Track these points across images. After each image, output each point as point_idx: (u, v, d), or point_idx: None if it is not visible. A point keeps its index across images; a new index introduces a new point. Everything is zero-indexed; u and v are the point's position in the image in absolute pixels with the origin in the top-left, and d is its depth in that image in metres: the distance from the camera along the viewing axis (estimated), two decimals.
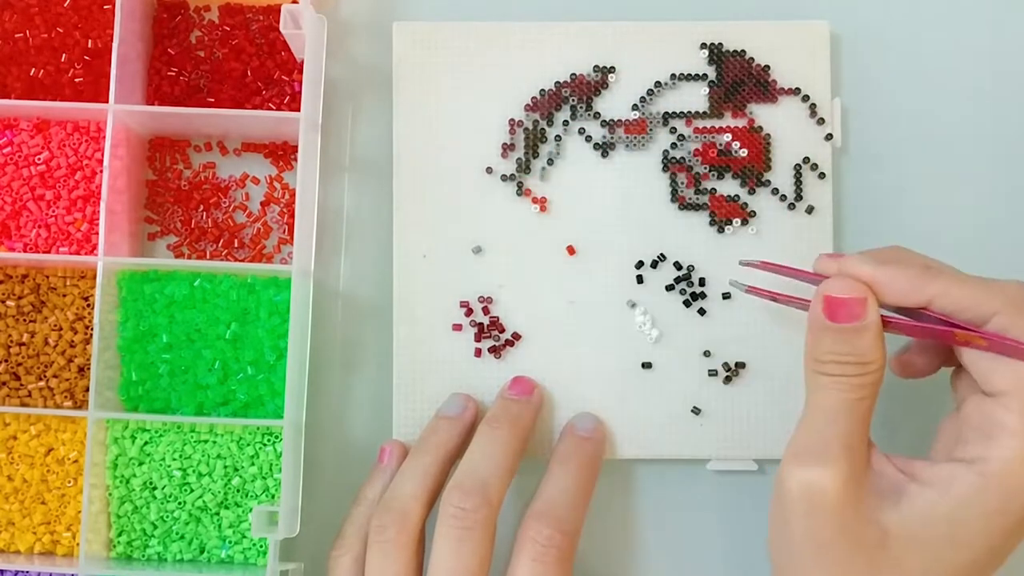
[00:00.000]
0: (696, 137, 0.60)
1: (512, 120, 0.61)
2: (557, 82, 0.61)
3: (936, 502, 0.47)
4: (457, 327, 0.60)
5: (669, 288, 0.60)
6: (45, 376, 0.58)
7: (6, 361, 0.58)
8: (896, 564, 0.47)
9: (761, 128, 0.60)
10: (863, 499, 0.47)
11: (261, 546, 0.58)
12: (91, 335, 0.58)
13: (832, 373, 0.48)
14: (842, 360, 0.48)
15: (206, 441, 0.58)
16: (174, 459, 0.58)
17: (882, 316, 0.48)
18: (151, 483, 0.58)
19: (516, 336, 0.60)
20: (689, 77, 0.61)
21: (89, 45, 0.60)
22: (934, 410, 0.54)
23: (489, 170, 0.60)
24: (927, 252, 0.60)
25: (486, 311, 0.60)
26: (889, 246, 0.52)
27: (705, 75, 0.61)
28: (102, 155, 0.58)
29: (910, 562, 0.47)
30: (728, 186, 0.60)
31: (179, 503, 0.58)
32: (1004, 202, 0.62)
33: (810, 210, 0.60)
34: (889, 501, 0.48)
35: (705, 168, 0.60)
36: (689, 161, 0.60)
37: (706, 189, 0.60)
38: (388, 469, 0.57)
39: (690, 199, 0.60)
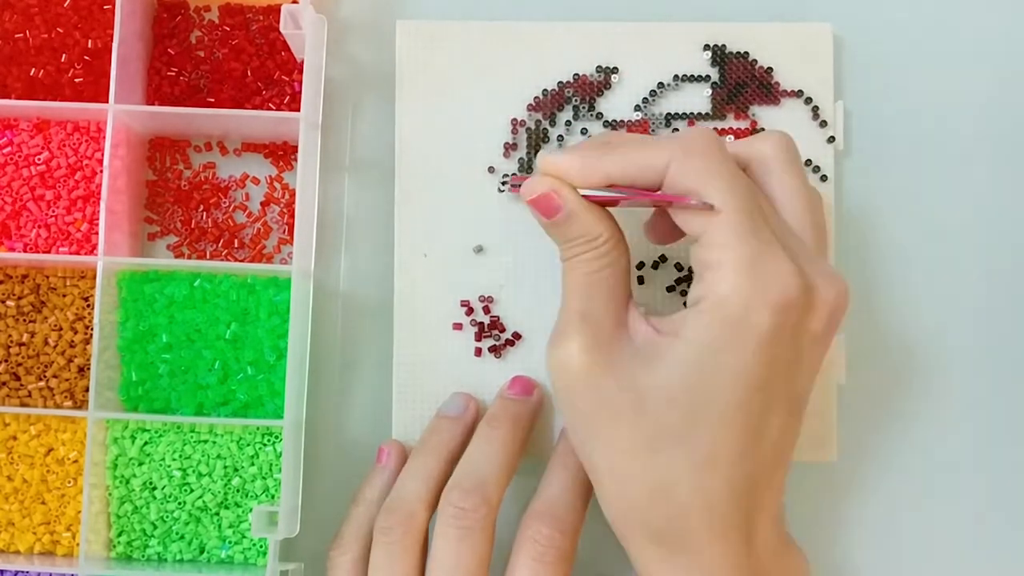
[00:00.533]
0: None
1: (515, 120, 0.61)
2: (560, 82, 0.61)
3: (677, 352, 0.47)
4: (457, 326, 0.60)
5: (670, 289, 0.60)
6: (45, 376, 0.58)
7: (6, 361, 0.58)
8: (657, 421, 0.48)
9: (763, 130, 0.60)
10: (615, 365, 0.49)
11: (261, 546, 0.58)
12: (91, 335, 0.58)
13: (567, 256, 0.51)
14: (570, 244, 0.50)
15: (206, 441, 0.58)
16: (174, 459, 0.58)
17: (593, 196, 0.50)
18: (151, 483, 0.58)
19: (516, 336, 0.60)
20: (692, 78, 0.61)
21: (89, 45, 0.60)
22: None
23: (491, 169, 0.60)
24: (929, 255, 0.61)
25: (487, 310, 0.60)
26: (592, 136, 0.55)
27: (708, 76, 0.61)
28: (102, 155, 0.58)
29: (671, 417, 0.47)
30: None
31: (179, 503, 0.58)
32: (1007, 205, 0.62)
33: None
34: (643, 361, 0.49)
35: None
36: None
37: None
38: (387, 469, 0.57)
39: None
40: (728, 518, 0.48)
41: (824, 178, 0.60)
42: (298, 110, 0.57)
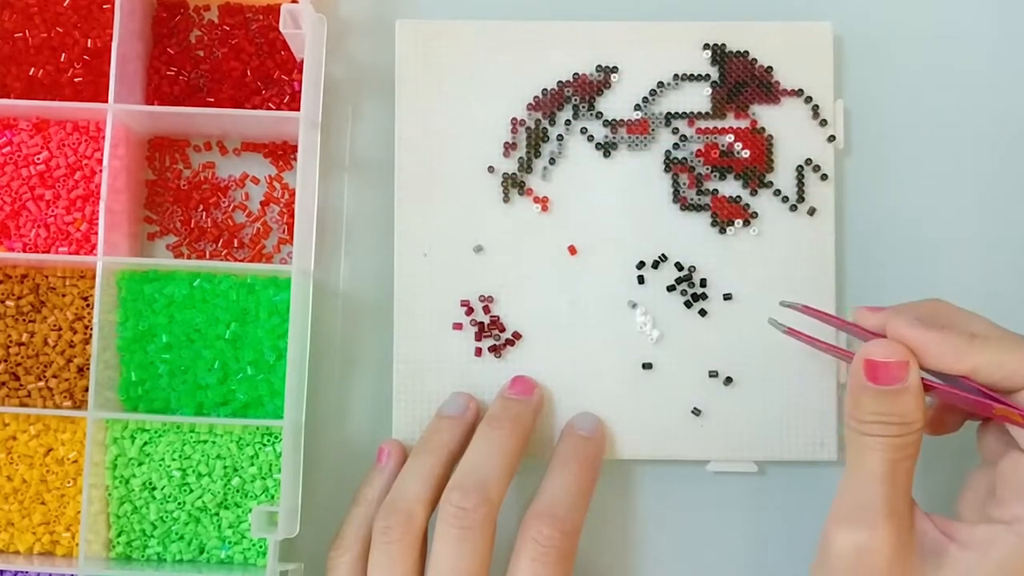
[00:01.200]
0: (698, 138, 0.60)
1: (514, 119, 0.61)
2: (560, 81, 0.61)
3: (977, 565, 0.47)
4: (457, 326, 0.60)
5: (670, 289, 0.60)
6: (44, 376, 0.58)
7: (5, 361, 0.58)
8: None
9: (763, 129, 0.60)
10: (909, 561, 0.48)
11: (261, 546, 0.58)
12: (91, 335, 0.57)
13: (874, 434, 0.48)
14: (884, 420, 0.48)
15: (206, 441, 0.58)
16: (174, 459, 0.58)
17: (923, 380, 0.48)
18: (151, 483, 0.58)
19: (516, 335, 0.60)
20: (692, 77, 0.61)
21: (89, 45, 0.60)
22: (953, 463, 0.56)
23: (491, 169, 0.60)
24: (929, 255, 0.61)
25: (487, 310, 0.60)
26: (928, 300, 0.53)
27: (708, 76, 0.61)
28: (101, 155, 0.58)
29: None
30: (730, 187, 0.60)
31: (179, 503, 0.58)
32: (1006, 204, 0.62)
33: (812, 212, 0.60)
34: (931, 564, 0.48)
35: (707, 169, 0.60)
36: (691, 162, 0.60)
37: (708, 190, 0.60)
38: (387, 469, 0.57)
39: (692, 200, 0.60)
40: None
41: (824, 177, 0.60)
42: (298, 110, 0.57)
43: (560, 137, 0.60)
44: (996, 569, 0.47)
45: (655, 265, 0.60)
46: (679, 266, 0.60)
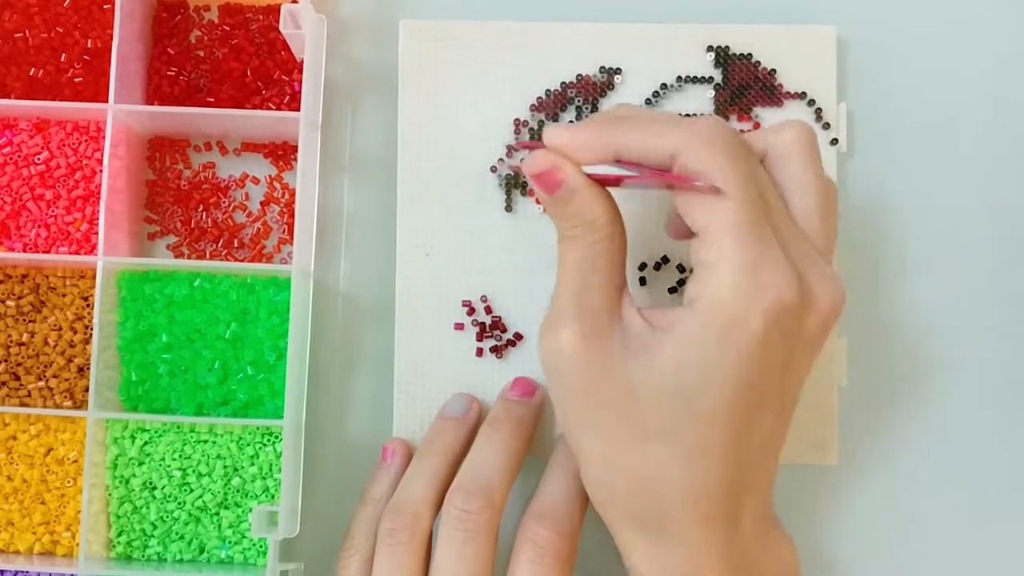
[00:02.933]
0: None
1: (517, 120, 0.60)
2: (563, 82, 0.61)
3: (669, 349, 0.47)
4: (459, 326, 0.60)
5: (672, 291, 0.60)
6: (45, 376, 0.58)
7: (6, 361, 0.58)
8: (646, 415, 0.47)
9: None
10: (608, 353, 0.48)
11: (261, 546, 0.58)
12: (91, 335, 0.58)
13: (564, 237, 0.50)
14: (569, 224, 0.49)
15: (206, 441, 0.58)
16: (174, 459, 0.58)
17: (596, 175, 0.49)
18: (151, 483, 0.58)
19: (518, 336, 0.60)
20: (695, 80, 0.60)
21: (89, 45, 0.60)
22: None
23: (494, 169, 0.60)
24: (932, 258, 0.61)
25: (488, 310, 0.60)
26: (611, 107, 0.53)
27: (711, 78, 0.60)
28: (102, 155, 0.58)
29: (660, 411, 0.47)
30: None
31: (179, 503, 0.58)
32: (1011, 206, 0.62)
33: None
34: (635, 353, 0.48)
35: None
36: None
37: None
38: (392, 468, 0.57)
39: None
40: (713, 512, 0.48)
41: None
42: (298, 110, 0.57)
43: None
44: (684, 349, 0.47)
45: (657, 267, 0.60)
46: (681, 268, 0.60)
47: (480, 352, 0.60)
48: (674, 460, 0.47)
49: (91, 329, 0.58)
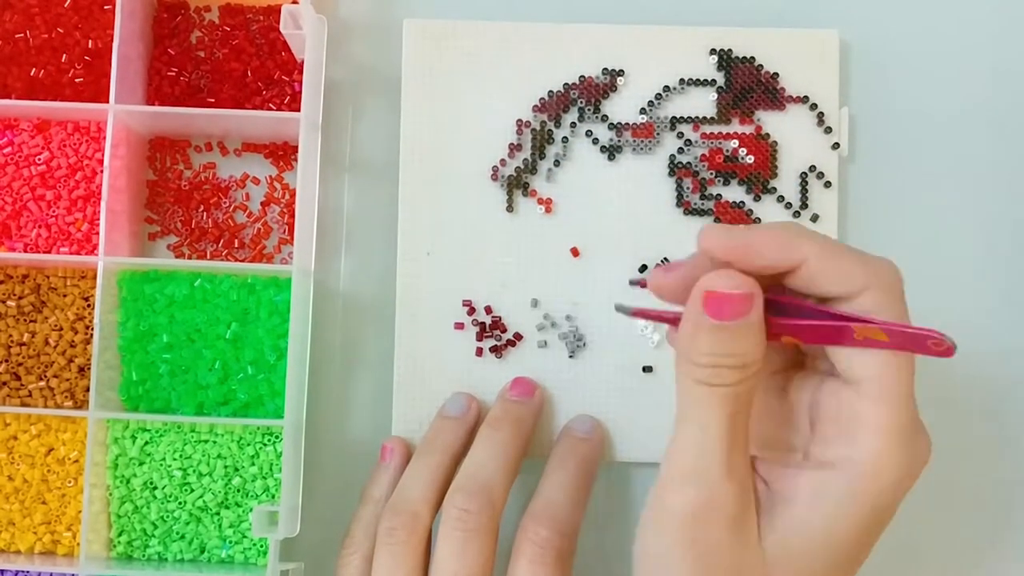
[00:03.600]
0: (703, 143, 0.60)
1: (519, 120, 0.60)
2: (565, 84, 0.60)
3: (809, 517, 0.43)
4: (459, 326, 0.60)
5: None
6: (45, 376, 0.59)
7: (7, 361, 0.59)
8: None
9: (768, 135, 0.60)
10: (751, 518, 0.44)
11: (261, 546, 0.58)
12: (91, 335, 0.58)
13: (712, 382, 0.43)
14: (723, 364, 0.42)
15: (206, 441, 0.58)
16: (174, 459, 0.58)
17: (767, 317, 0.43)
18: (151, 483, 0.58)
19: (518, 336, 0.60)
20: (698, 82, 0.60)
21: (89, 45, 0.60)
22: None
23: (495, 169, 0.60)
24: (933, 263, 0.61)
25: (488, 310, 0.60)
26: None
27: (714, 81, 0.60)
28: (102, 155, 0.58)
29: (789, 573, 0.44)
30: (734, 192, 0.60)
31: (179, 503, 0.58)
32: (1011, 210, 0.62)
33: (815, 219, 0.60)
34: (762, 518, 0.44)
35: (711, 174, 0.60)
36: (695, 166, 0.60)
37: (711, 195, 0.60)
38: (391, 467, 0.57)
39: (695, 204, 0.60)
40: None
41: (828, 184, 0.60)
42: (298, 110, 0.57)
43: (565, 139, 0.60)
44: (828, 517, 0.43)
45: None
46: None
47: (480, 352, 0.60)
48: None
49: (92, 329, 0.58)
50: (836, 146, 0.60)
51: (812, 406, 0.45)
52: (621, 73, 0.60)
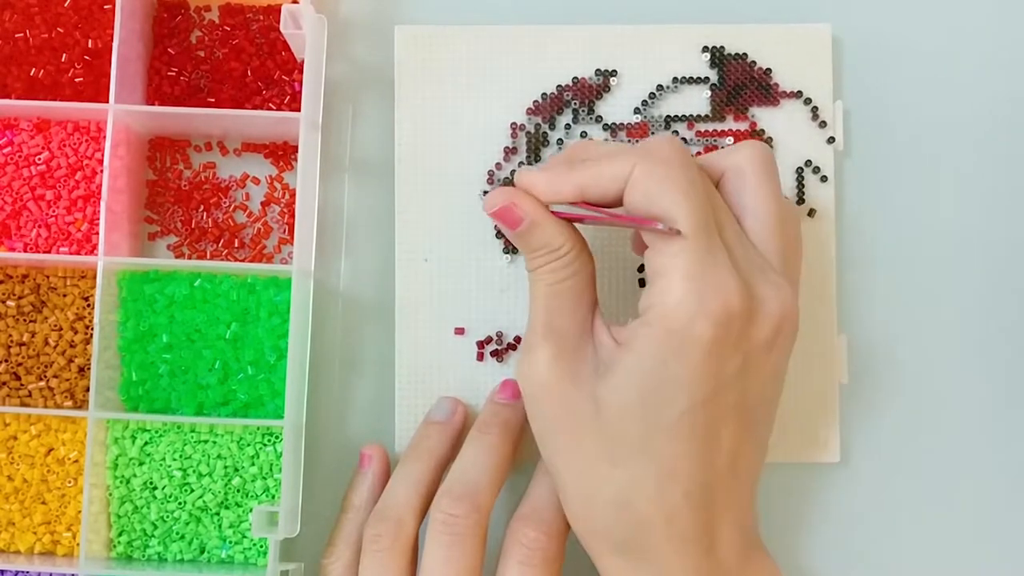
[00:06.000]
0: (698, 140, 0.60)
1: (514, 123, 0.61)
2: (559, 85, 0.61)
3: (630, 363, 0.48)
4: (459, 331, 0.60)
5: None
6: (45, 376, 0.58)
7: (6, 361, 0.58)
8: (615, 433, 0.48)
9: (763, 131, 0.60)
10: (579, 376, 0.50)
11: (261, 546, 0.58)
12: (91, 335, 0.58)
13: (532, 267, 0.52)
14: (534, 254, 0.51)
15: (206, 441, 0.58)
16: (174, 459, 0.58)
17: (562, 213, 0.51)
18: (151, 483, 0.58)
19: (518, 340, 0.60)
20: (691, 80, 0.61)
21: (89, 45, 0.60)
22: None
23: (491, 173, 0.60)
24: (929, 256, 0.61)
25: (488, 314, 0.60)
26: (575, 143, 0.55)
27: (707, 78, 0.61)
28: (102, 155, 0.58)
29: (626, 429, 0.48)
30: None
31: (179, 503, 0.58)
32: (1007, 203, 0.62)
33: (812, 213, 0.60)
34: (602, 371, 0.49)
35: None
36: None
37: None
38: (371, 473, 0.57)
39: None
40: (687, 529, 0.49)
41: (824, 179, 0.60)
42: (298, 110, 0.57)
43: (560, 141, 0.60)
44: (642, 362, 0.48)
45: None
46: None
47: (481, 356, 0.60)
48: (643, 479, 0.48)
49: (92, 329, 0.58)
50: (831, 140, 0.60)
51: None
52: (614, 73, 0.61)
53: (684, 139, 0.60)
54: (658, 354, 0.47)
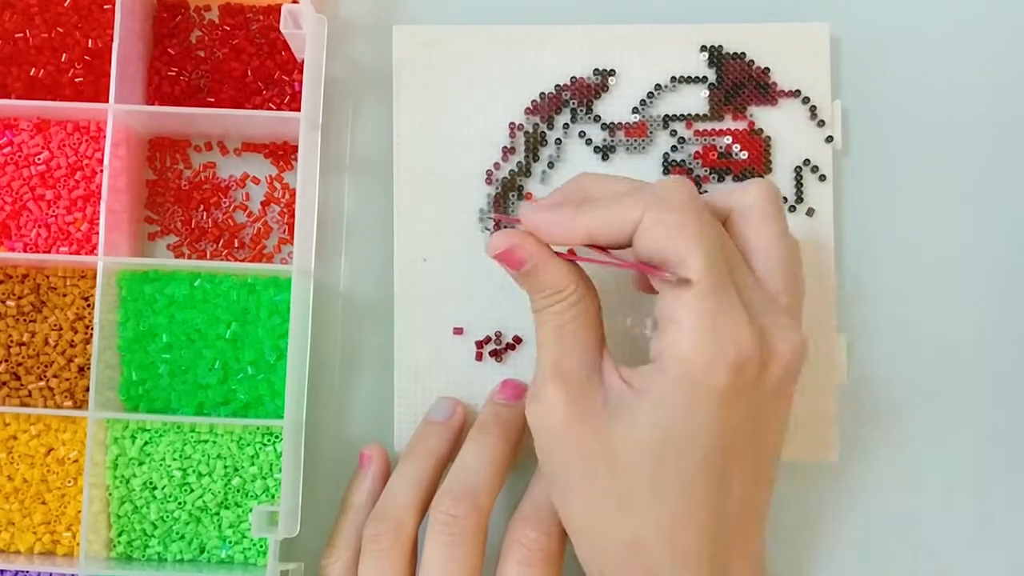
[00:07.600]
0: (696, 140, 0.60)
1: (512, 123, 0.61)
2: (557, 85, 0.61)
3: (645, 409, 0.48)
4: (458, 331, 0.60)
5: None
6: (45, 376, 0.58)
7: (6, 361, 0.58)
8: (628, 478, 0.48)
9: (761, 130, 0.60)
10: (590, 418, 0.49)
11: (261, 546, 0.58)
12: (91, 335, 0.58)
13: (537, 309, 0.51)
14: (539, 296, 0.51)
15: (206, 441, 0.58)
16: (174, 459, 0.58)
17: (565, 256, 0.51)
18: (151, 483, 0.58)
19: (517, 339, 0.60)
20: (689, 80, 0.61)
21: (89, 45, 0.60)
22: None
23: (490, 173, 0.60)
24: (927, 254, 0.61)
25: (487, 314, 0.60)
26: (574, 177, 0.53)
27: (705, 78, 0.61)
28: (102, 155, 0.58)
29: (640, 474, 0.48)
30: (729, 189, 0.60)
31: (179, 503, 0.58)
32: (1006, 203, 0.62)
33: (811, 212, 0.60)
34: (615, 415, 0.48)
35: (706, 171, 0.60)
36: (689, 164, 0.60)
37: (707, 192, 0.60)
38: (370, 473, 0.57)
39: None
40: (701, 571, 0.48)
41: (823, 178, 0.60)
42: (298, 110, 0.57)
43: (558, 141, 0.60)
44: (656, 408, 0.47)
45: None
46: None
47: (479, 356, 0.60)
48: (657, 524, 0.48)
49: (91, 329, 0.58)
50: (830, 139, 0.60)
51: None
52: (612, 73, 0.61)
53: (682, 138, 0.60)
54: (675, 402, 0.47)
